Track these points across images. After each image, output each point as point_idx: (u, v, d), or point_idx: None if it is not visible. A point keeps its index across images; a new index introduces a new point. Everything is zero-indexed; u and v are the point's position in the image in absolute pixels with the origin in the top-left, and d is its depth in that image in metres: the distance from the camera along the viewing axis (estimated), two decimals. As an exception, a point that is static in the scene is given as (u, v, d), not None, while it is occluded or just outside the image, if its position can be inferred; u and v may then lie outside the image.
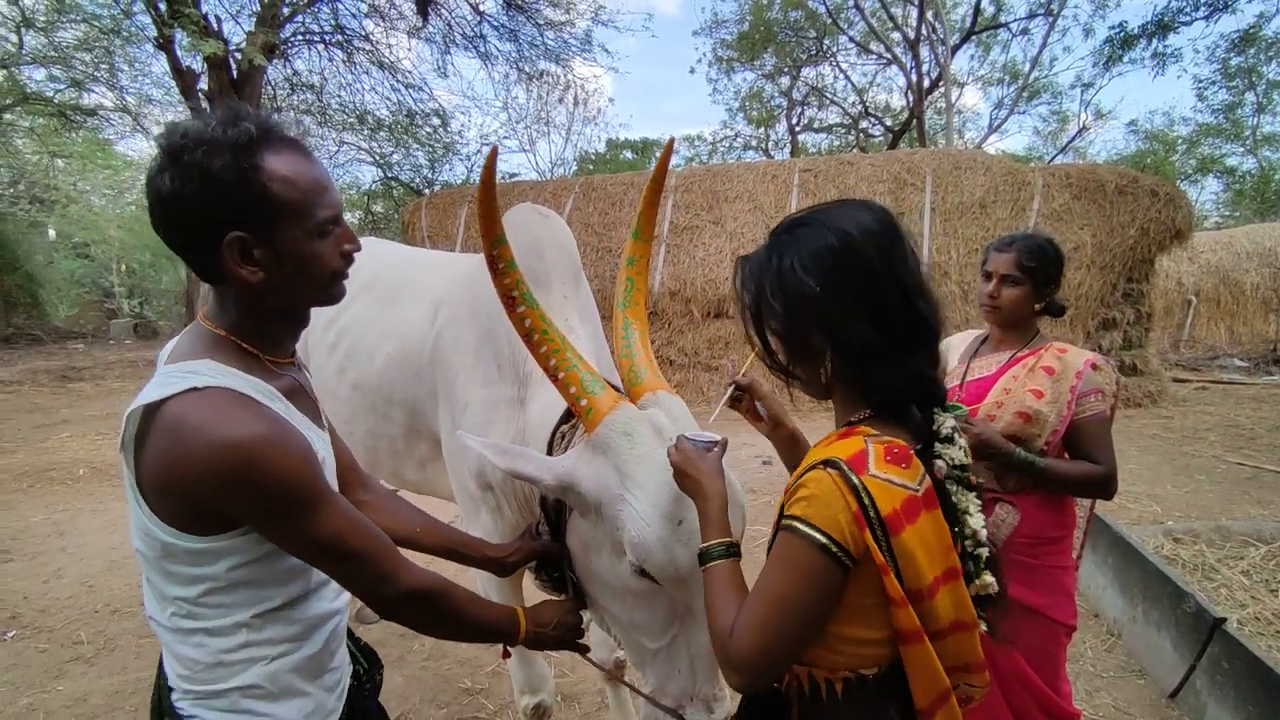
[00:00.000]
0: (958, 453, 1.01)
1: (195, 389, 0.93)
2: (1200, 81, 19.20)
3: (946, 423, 1.02)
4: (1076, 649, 2.99)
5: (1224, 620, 2.50)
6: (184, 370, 0.96)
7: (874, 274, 0.98)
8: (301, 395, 1.12)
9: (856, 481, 0.91)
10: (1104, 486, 1.77)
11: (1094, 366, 1.80)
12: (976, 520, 1.00)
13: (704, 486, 1.09)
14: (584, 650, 1.42)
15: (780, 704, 1.05)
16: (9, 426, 7.85)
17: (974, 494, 1.02)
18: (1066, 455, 1.83)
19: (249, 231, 0.95)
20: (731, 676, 1.00)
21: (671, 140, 1.58)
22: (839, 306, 0.98)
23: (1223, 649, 2.46)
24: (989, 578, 1.00)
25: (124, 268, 24.03)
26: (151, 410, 0.93)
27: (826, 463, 0.94)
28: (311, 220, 1.00)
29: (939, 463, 1.00)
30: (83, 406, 9.17)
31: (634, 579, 1.25)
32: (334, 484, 1.12)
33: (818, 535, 0.91)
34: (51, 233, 21.41)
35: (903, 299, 0.98)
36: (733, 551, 1.05)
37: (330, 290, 1.07)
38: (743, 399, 1.42)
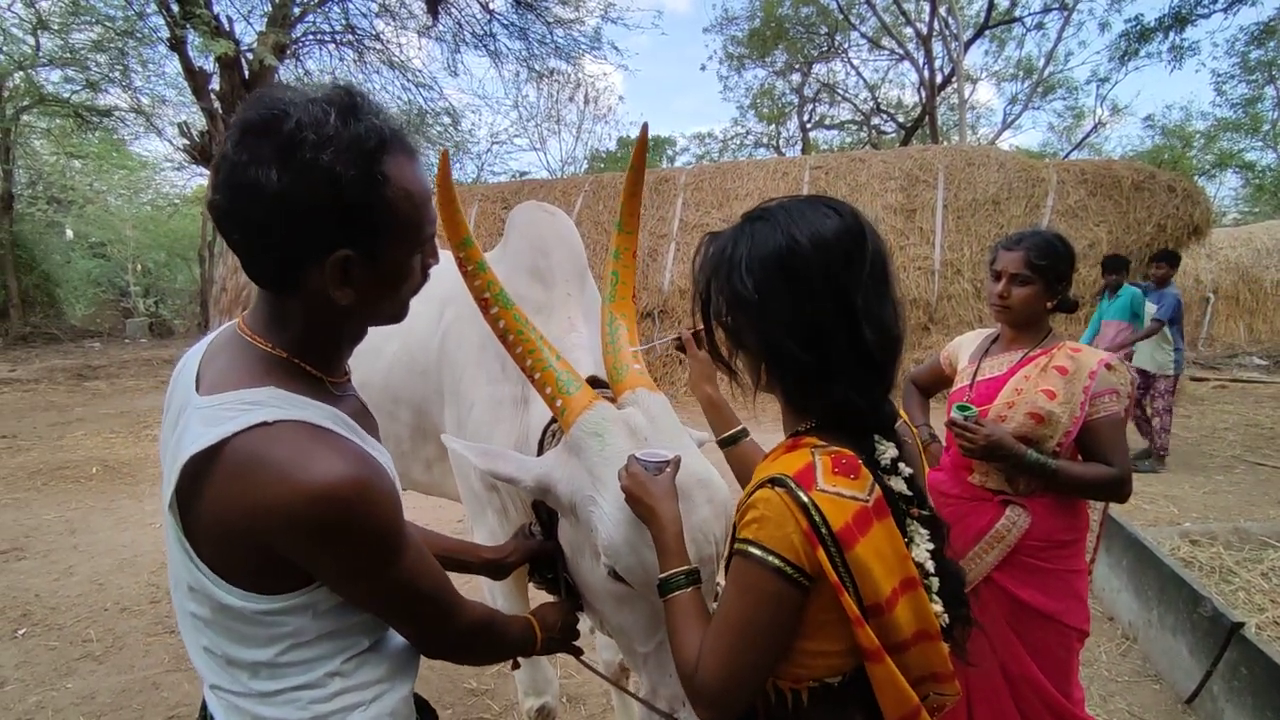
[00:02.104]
0: (900, 483, 0.97)
1: (265, 423, 0.79)
2: (1219, 75, 19.00)
3: (887, 453, 0.98)
4: (1091, 653, 2.94)
5: (1242, 625, 2.45)
6: (243, 401, 0.81)
7: (813, 288, 0.91)
8: (366, 416, 1.02)
9: (805, 499, 0.88)
10: (1118, 489, 1.73)
11: (1108, 366, 1.76)
12: (922, 551, 0.96)
13: (657, 513, 1.06)
14: (578, 653, 1.40)
15: (747, 712, 1.03)
16: (25, 424, 7.95)
17: (918, 523, 0.98)
18: (1079, 457, 1.79)
19: (357, 249, 0.82)
20: (701, 711, 0.97)
21: (645, 126, 1.54)
22: (773, 316, 0.93)
23: (1240, 654, 2.41)
24: (939, 608, 0.96)
25: (139, 267, 24.34)
26: (209, 452, 0.78)
27: (773, 481, 0.91)
28: (418, 238, 0.89)
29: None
30: (98, 405, 9.27)
31: (610, 582, 1.23)
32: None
33: (772, 559, 0.88)
34: (69, 232, 21.72)
35: (845, 320, 0.92)
36: (693, 580, 1.03)
37: (404, 311, 0.96)
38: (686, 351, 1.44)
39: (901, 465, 0.98)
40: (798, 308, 0.92)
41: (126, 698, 2.80)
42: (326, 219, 0.79)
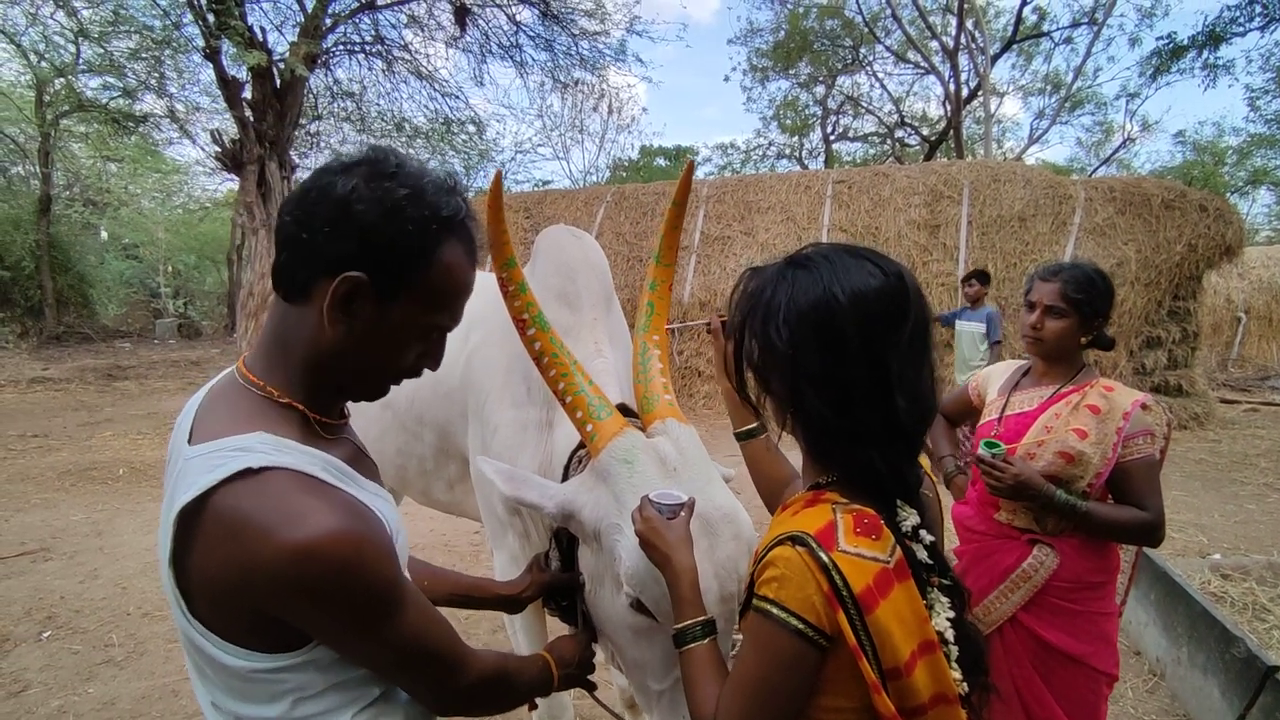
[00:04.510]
0: (921, 551, 0.95)
1: (250, 471, 0.76)
2: (1252, 91, 18.52)
3: (909, 520, 0.95)
4: (1117, 689, 2.86)
5: (1277, 669, 2.37)
6: (231, 448, 0.79)
7: (848, 350, 0.89)
8: (363, 458, 0.99)
9: (826, 559, 0.86)
10: (1150, 534, 1.69)
11: (1143, 407, 1.72)
12: (942, 620, 0.94)
13: (672, 561, 1.05)
14: (592, 687, 1.37)
15: None
16: (56, 424, 8.12)
17: (939, 592, 0.96)
18: (1110, 498, 1.75)
19: (373, 282, 0.83)
20: None
21: (691, 163, 1.55)
22: (803, 371, 0.91)
23: (1275, 699, 2.33)
24: (958, 674, 0.94)
25: (170, 269, 24.81)
26: (196, 504, 0.76)
27: (794, 539, 0.89)
28: (432, 316, 0.90)
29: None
30: (126, 405, 9.44)
31: (631, 614, 1.21)
32: (405, 552, 1.00)
33: (792, 620, 0.86)
34: (103, 234, 22.22)
35: (878, 386, 0.89)
36: (709, 631, 1.02)
37: (382, 389, 0.96)
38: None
39: (923, 533, 0.96)
40: (830, 367, 0.90)
41: (146, 704, 2.83)
42: (367, 239, 0.82)
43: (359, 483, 0.89)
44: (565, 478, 1.54)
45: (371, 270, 0.82)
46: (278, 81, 10.38)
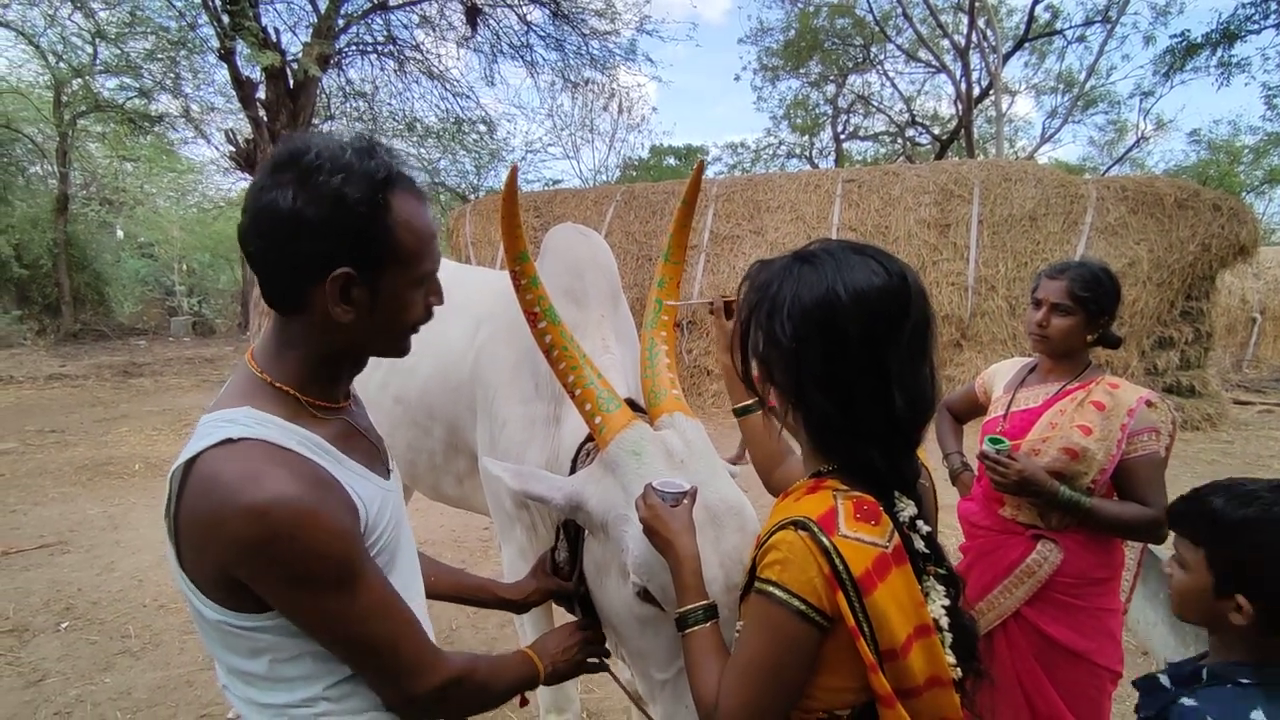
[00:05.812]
0: (918, 541, 0.98)
1: (229, 440, 0.83)
2: (1269, 89, 18.29)
3: (906, 510, 0.98)
4: (1124, 688, 2.85)
5: None
6: (220, 420, 0.87)
7: (848, 347, 0.92)
8: (356, 438, 1.01)
9: (827, 543, 0.89)
10: (1153, 531, 1.69)
11: (1148, 404, 1.72)
12: (937, 608, 0.96)
13: (675, 547, 1.07)
14: (603, 665, 1.38)
15: None
16: (73, 420, 8.23)
17: (935, 580, 0.98)
18: (1115, 494, 1.76)
19: (358, 269, 0.88)
20: None
21: (701, 163, 1.58)
22: (805, 366, 0.94)
23: None
24: (952, 659, 0.96)
25: (185, 267, 25.06)
26: (185, 467, 0.84)
27: (796, 523, 0.92)
28: (417, 270, 0.94)
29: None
30: (141, 402, 9.55)
31: (637, 603, 1.23)
32: (402, 527, 1.04)
33: (795, 601, 0.89)
34: (119, 233, 22.47)
35: (877, 382, 0.92)
36: (711, 615, 1.04)
37: (403, 343, 1.00)
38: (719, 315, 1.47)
39: (920, 524, 0.98)
40: (830, 363, 0.93)
41: (162, 694, 2.88)
42: (330, 236, 0.86)
43: (340, 460, 0.93)
44: (572, 472, 1.56)
45: (349, 259, 0.87)
46: (291, 82, 10.50)
